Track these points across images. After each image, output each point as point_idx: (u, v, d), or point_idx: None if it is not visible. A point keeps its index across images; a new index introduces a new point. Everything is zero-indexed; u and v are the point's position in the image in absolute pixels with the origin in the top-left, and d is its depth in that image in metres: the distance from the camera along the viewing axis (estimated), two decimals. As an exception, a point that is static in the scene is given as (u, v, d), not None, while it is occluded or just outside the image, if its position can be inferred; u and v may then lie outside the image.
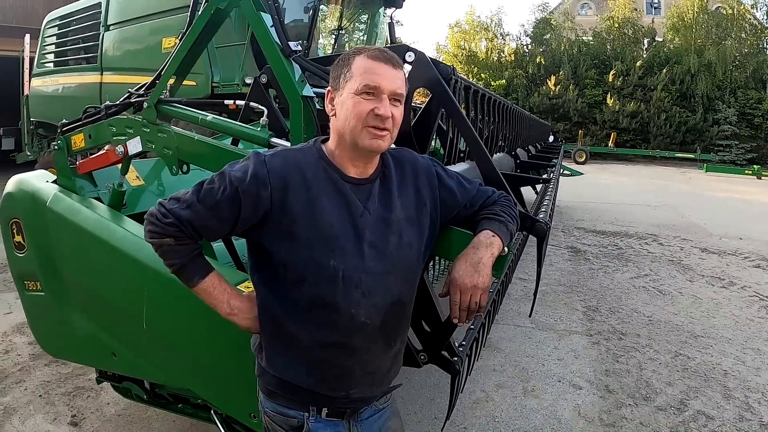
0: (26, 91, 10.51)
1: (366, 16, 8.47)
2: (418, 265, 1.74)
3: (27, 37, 10.80)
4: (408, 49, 2.07)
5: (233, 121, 2.48)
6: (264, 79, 2.49)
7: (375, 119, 1.55)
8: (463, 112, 2.20)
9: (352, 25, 8.42)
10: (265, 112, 2.32)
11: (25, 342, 4.99)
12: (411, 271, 1.72)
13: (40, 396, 4.09)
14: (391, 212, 1.66)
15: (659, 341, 5.23)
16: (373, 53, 1.60)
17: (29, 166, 8.62)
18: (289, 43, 2.14)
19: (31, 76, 10.29)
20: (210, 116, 2.47)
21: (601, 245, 9.08)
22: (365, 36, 8.38)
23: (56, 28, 9.42)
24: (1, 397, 4.05)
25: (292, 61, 2.21)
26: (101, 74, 8.05)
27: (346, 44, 8.33)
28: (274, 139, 2.23)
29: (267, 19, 2.24)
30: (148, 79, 2.87)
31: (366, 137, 1.57)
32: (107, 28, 8.00)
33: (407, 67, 2.10)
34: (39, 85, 9.91)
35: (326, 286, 1.58)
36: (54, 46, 9.61)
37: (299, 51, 2.17)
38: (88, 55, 8.50)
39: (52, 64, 9.69)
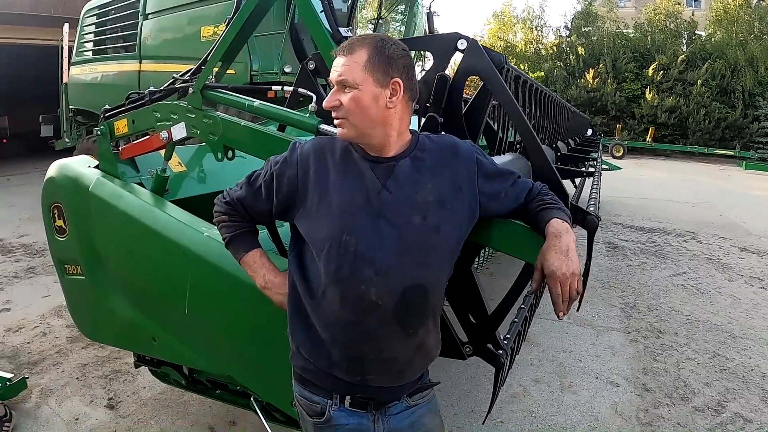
0: (65, 79, 10.63)
1: (404, 6, 8.41)
2: (445, 251, 1.69)
3: (66, 26, 10.93)
4: (460, 36, 2.02)
5: (282, 108, 2.45)
6: (312, 66, 2.46)
7: (332, 111, 1.65)
8: (516, 102, 2.14)
9: (390, 15, 8.37)
10: (314, 98, 2.30)
11: (63, 325, 5.08)
12: (436, 255, 1.67)
13: (77, 378, 4.16)
14: (417, 193, 1.64)
15: (697, 341, 5.14)
16: (338, 48, 1.66)
17: (68, 152, 8.73)
18: (339, 28, 2.11)
19: (69, 64, 10.40)
20: (257, 102, 2.45)
21: (638, 241, 8.94)
22: (403, 26, 8.33)
23: (95, 17, 9.50)
24: (38, 379, 4.13)
25: None
26: (140, 62, 8.11)
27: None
28: (323, 126, 2.20)
29: (317, 4, 2.21)
30: (187, 68, 2.87)
31: None
32: (146, 17, 8.05)
33: (458, 56, 2.07)
34: (78, 73, 10.01)
35: (338, 261, 1.60)
36: (92, 35, 9.69)
37: (349, 37, 2.14)
38: (127, 43, 8.57)
39: (90, 53, 9.78)
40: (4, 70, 14.90)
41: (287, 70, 6.23)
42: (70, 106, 10.42)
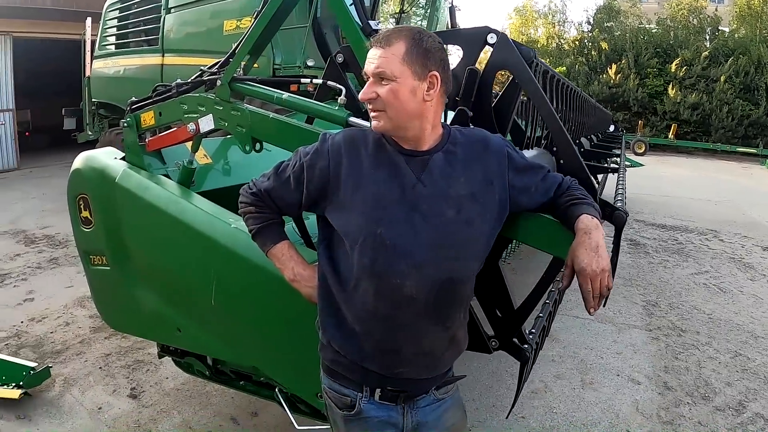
0: (88, 73, 10.71)
1: (425, 1, 8.39)
2: (479, 244, 1.69)
3: (88, 20, 11.01)
4: (490, 30, 2.02)
5: (311, 101, 2.46)
6: (340, 59, 2.46)
7: (367, 103, 1.64)
8: (546, 96, 2.13)
9: (411, 10, 8.36)
10: (344, 91, 2.31)
11: (86, 315, 5.14)
12: (469, 249, 1.67)
13: (100, 368, 4.21)
14: (451, 187, 1.64)
15: (719, 340, 5.10)
16: (373, 39, 1.65)
17: (90, 145, 8.82)
18: (369, 22, 2.12)
19: (92, 58, 10.48)
20: (286, 95, 2.46)
21: (660, 239, 8.86)
22: (425, 21, 8.30)
23: (117, 11, 9.57)
24: (61, 368, 4.18)
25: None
26: (162, 56, 8.16)
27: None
28: (353, 119, 2.21)
29: (347, -2, 2.21)
30: (210, 61, 2.88)
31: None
32: (168, 11, 8.10)
33: (488, 50, 2.07)
34: (100, 67, 10.09)
35: (373, 255, 1.60)
36: (115, 29, 9.77)
37: (379, 30, 2.14)
38: (150, 37, 8.63)
39: (113, 47, 9.86)
40: (27, 64, 15.02)
41: (310, 63, 6.25)
42: (93, 100, 10.51)
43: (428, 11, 8.37)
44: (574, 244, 1.61)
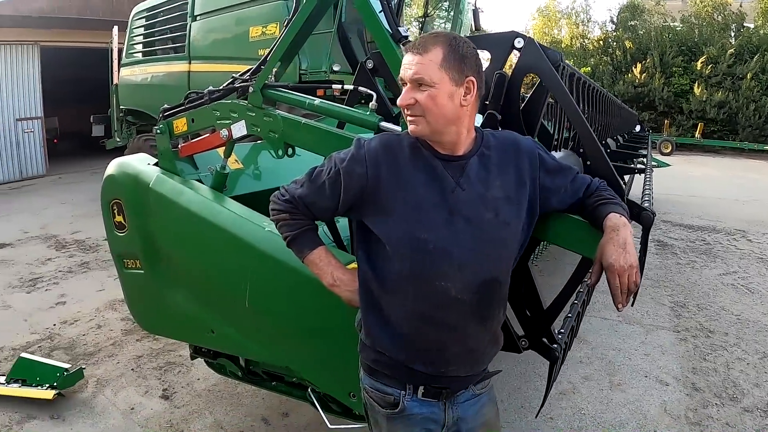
0: (115, 81, 10.89)
1: (448, 3, 8.40)
2: (515, 244, 1.73)
3: (115, 29, 11.16)
4: (517, 35, 2.05)
5: (343, 106, 2.50)
6: (370, 64, 2.50)
7: (405, 108, 1.65)
8: (573, 99, 2.15)
9: (436, 13, 8.37)
10: (374, 96, 2.34)
11: (118, 318, 5.22)
12: (507, 249, 1.71)
13: (132, 369, 4.28)
14: (488, 190, 1.67)
15: (747, 341, 5.05)
16: (409, 45, 1.67)
17: (118, 152, 8.94)
18: (399, 28, 2.15)
19: (119, 66, 10.64)
20: (318, 100, 2.50)
21: (688, 239, 8.76)
22: (449, 24, 8.31)
23: (144, 19, 9.72)
24: (94, 370, 4.26)
25: (403, 47, 2.21)
26: (189, 63, 8.26)
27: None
28: (384, 123, 2.24)
29: (376, 4, 2.25)
30: (236, 68, 2.92)
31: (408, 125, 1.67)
32: (194, 18, 8.20)
33: (516, 54, 2.09)
34: (127, 74, 10.25)
35: (417, 259, 1.63)
36: (142, 36, 9.92)
37: (409, 36, 2.18)
38: (176, 44, 8.74)
39: (140, 54, 10.00)
40: (54, 72, 15.24)
41: (336, 68, 6.30)
42: (121, 107, 10.67)
43: (452, 14, 8.40)
44: (603, 240, 1.64)
